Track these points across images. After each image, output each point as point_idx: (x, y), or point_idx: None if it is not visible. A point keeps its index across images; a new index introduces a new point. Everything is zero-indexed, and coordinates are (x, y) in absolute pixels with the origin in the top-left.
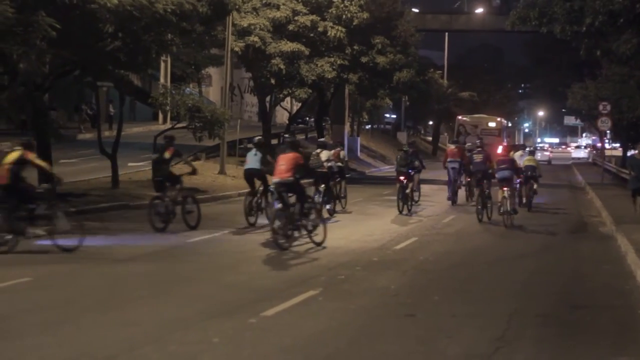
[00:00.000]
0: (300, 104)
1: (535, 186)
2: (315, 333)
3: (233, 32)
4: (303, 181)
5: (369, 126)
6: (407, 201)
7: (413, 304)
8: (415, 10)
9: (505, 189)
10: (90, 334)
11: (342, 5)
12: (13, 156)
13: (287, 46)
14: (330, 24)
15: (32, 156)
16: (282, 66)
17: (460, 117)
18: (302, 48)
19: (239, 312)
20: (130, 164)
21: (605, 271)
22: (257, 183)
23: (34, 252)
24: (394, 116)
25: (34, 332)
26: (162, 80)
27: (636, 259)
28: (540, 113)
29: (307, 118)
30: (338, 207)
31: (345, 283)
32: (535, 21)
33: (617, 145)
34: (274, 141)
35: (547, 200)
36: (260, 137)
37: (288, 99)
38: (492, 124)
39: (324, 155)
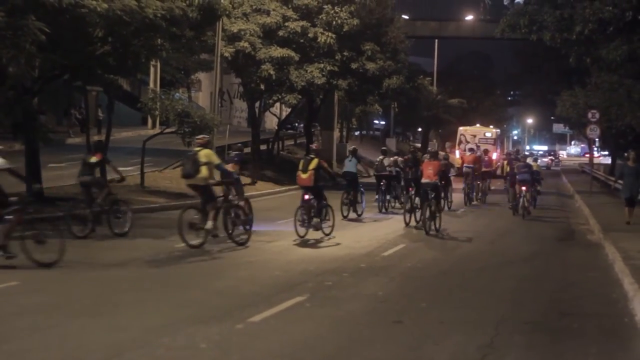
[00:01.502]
0: (289, 110)
1: (538, 187)
2: (302, 339)
3: (223, 37)
4: None
5: (358, 132)
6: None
7: (401, 310)
8: (405, 17)
9: (523, 188)
10: (78, 339)
11: (332, 12)
12: None
13: (277, 52)
14: (321, 30)
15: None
16: (271, 72)
17: (461, 128)
18: (292, 54)
19: (226, 317)
20: (119, 169)
21: (592, 279)
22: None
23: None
24: (383, 122)
25: (21, 337)
26: (151, 85)
27: (623, 267)
28: (529, 120)
29: (297, 124)
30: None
31: (333, 289)
32: (525, 29)
33: (606, 153)
34: (263, 147)
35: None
36: (355, 147)
37: (277, 104)
38: (488, 134)
39: (386, 161)
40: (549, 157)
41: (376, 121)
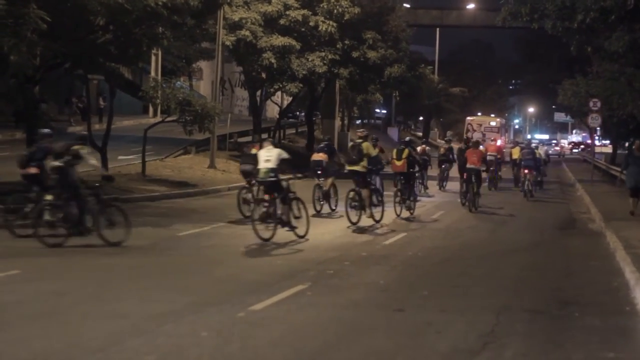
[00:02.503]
0: (291, 99)
1: (538, 177)
2: (303, 327)
3: (224, 25)
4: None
5: (360, 121)
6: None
7: (402, 298)
8: (407, 5)
9: (526, 172)
10: (79, 327)
11: (333, 0)
12: None
13: (278, 40)
14: (322, 18)
15: None
16: (273, 60)
17: (469, 118)
18: (293, 42)
19: (228, 305)
20: (120, 157)
21: (594, 267)
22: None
23: (23, 245)
24: (384, 111)
25: (23, 324)
26: (152, 73)
27: (625, 256)
28: (531, 109)
29: (298, 112)
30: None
31: (334, 278)
32: (527, 17)
33: (607, 142)
34: (264, 135)
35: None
36: (409, 137)
37: (279, 93)
38: (493, 123)
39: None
40: (560, 145)
41: (377, 110)
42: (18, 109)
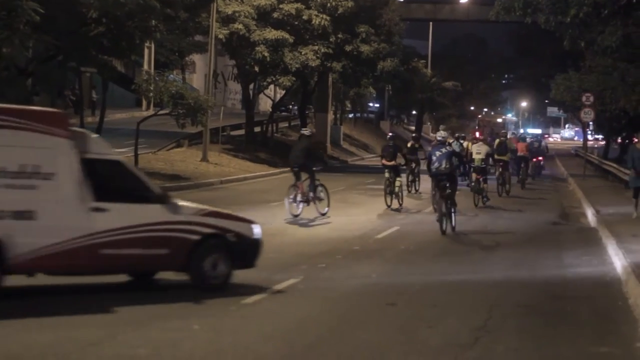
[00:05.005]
0: (283, 92)
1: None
2: (296, 321)
3: (217, 19)
4: None
5: (352, 115)
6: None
7: (394, 293)
8: None
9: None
10: (73, 320)
11: None
12: None
13: (272, 34)
14: (315, 12)
15: None
16: (266, 54)
17: (480, 116)
18: (287, 36)
19: (220, 299)
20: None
21: (586, 262)
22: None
23: None
24: (377, 105)
25: (17, 316)
26: (145, 66)
27: (617, 250)
28: (524, 104)
29: (291, 106)
30: None
31: (326, 271)
32: (520, 11)
33: (600, 136)
34: (257, 129)
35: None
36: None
37: (272, 86)
38: (499, 120)
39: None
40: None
41: (370, 104)
42: (11, 102)
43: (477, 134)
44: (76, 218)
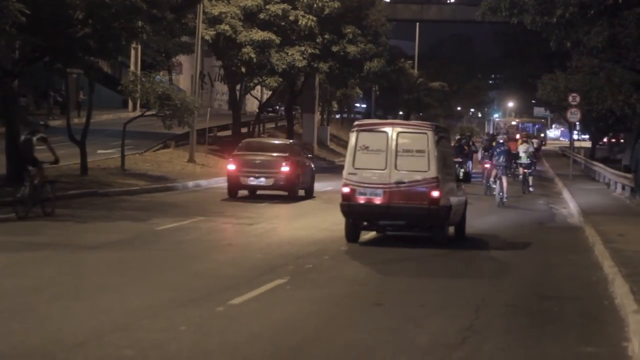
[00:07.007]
0: (270, 93)
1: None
2: (283, 321)
3: (204, 20)
4: None
5: (339, 115)
6: None
7: (381, 293)
8: None
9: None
10: (59, 321)
11: None
12: None
13: (258, 35)
14: (302, 13)
15: None
16: (252, 55)
17: (496, 120)
18: (273, 37)
19: (207, 300)
20: (99, 151)
21: (573, 262)
22: None
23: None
24: (364, 106)
25: (2, 319)
26: (132, 67)
27: (603, 250)
28: (510, 104)
29: (277, 107)
30: None
31: (313, 272)
32: (506, 12)
33: (587, 137)
34: (244, 130)
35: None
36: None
37: (258, 87)
38: (513, 123)
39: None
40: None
41: (357, 104)
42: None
43: (517, 136)
44: None
